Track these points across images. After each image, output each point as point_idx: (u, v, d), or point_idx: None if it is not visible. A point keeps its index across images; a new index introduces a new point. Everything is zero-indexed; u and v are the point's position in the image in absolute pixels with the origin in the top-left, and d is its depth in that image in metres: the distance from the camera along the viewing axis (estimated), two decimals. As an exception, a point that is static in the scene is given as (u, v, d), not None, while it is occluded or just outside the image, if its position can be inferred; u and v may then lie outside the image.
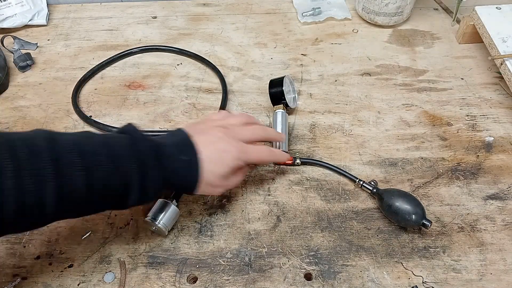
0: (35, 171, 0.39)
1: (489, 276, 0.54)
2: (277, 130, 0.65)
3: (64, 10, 0.94)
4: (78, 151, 0.43)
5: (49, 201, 0.40)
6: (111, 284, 0.54)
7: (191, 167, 0.50)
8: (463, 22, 0.81)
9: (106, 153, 0.45)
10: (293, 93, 0.72)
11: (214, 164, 0.51)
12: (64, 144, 0.43)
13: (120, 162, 0.45)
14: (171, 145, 0.51)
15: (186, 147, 0.51)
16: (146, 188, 0.47)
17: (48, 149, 0.41)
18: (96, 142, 0.45)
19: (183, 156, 0.50)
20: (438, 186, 0.62)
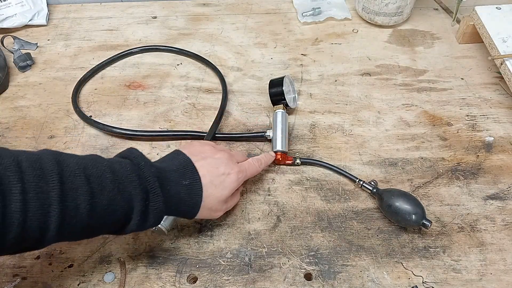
0: (41, 194, 0.39)
1: (489, 276, 0.54)
2: (277, 130, 0.65)
3: (64, 10, 0.94)
4: (85, 175, 0.42)
5: (52, 226, 0.40)
6: (111, 284, 0.54)
7: (193, 192, 0.50)
8: (463, 22, 0.81)
9: (111, 177, 0.44)
10: (293, 93, 0.72)
11: (215, 188, 0.52)
12: (71, 167, 0.42)
13: (124, 187, 0.45)
14: (173, 170, 0.50)
15: (188, 171, 0.51)
16: (147, 214, 0.47)
17: (55, 171, 0.40)
18: (102, 166, 0.45)
19: (185, 181, 0.50)
20: (438, 186, 0.62)
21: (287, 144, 0.66)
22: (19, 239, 0.39)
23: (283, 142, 0.64)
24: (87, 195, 0.42)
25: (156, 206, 0.47)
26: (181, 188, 0.50)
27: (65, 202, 0.40)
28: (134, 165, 0.47)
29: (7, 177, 0.38)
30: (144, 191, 0.46)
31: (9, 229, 0.38)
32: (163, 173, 0.49)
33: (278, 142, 0.64)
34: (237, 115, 0.73)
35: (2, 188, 0.37)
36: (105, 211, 0.43)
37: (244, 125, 0.71)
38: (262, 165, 0.60)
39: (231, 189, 0.53)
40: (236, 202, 0.58)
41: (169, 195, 0.48)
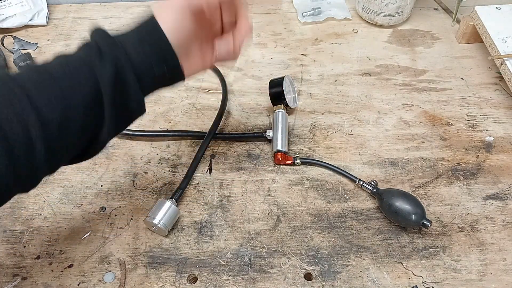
0: None
1: (489, 276, 0.54)
2: (277, 130, 0.65)
3: (64, 10, 0.94)
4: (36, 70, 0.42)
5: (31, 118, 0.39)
6: (111, 284, 0.54)
7: (153, 33, 0.46)
8: (463, 22, 0.81)
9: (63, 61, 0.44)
10: (293, 93, 0.72)
11: (173, 18, 0.47)
12: None
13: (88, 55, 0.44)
14: (128, 28, 0.48)
15: (144, 21, 0.48)
16: (104, 65, 0.43)
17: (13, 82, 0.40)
18: None
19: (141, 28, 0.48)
20: (438, 186, 0.62)
21: (287, 144, 0.66)
22: None
23: (283, 142, 0.64)
24: None
25: (109, 44, 0.44)
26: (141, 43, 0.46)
27: None
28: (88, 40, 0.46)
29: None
30: (96, 46, 0.45)
31: None
32: (116, 34, 0.47)
33: (278, 142, 0.64)
34: (237, 115, 0.73)
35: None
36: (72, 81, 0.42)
37: (244, 125, 0.71)
38: None
39: (187, 10, 0.46)
40: (224, 50, 0.49)
41: (126, 37, 0.46)
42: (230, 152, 0.67)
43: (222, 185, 0.63)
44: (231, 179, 0.64)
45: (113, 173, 0.65)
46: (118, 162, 0.66)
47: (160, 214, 0.56)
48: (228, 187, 0.63)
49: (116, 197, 0.62)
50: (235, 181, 0.64)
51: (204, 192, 0.63)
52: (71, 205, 0.61)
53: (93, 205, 0.61)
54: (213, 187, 0.63)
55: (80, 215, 0.60)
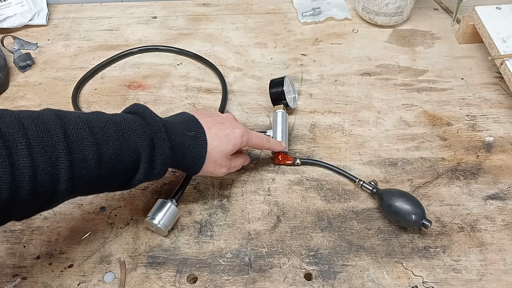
0: (47, 148, 0.39)
1: (489, 276, 0.54)
2: (277, 130, 0.65)
3: (64, 10, 0.94)
4: (88, 127, 0.43)
5: (62, 179, 0.40)
6: (111, 284, 0.54)
7: (198, 144, 0.52)
8: (463, 22, 0.81)
9: (115, 128, 0.45)
10: (294, 93, 0.72)
11: (220, 141, 0.53)
12: (74, 121, 0.43)
13: (129, 136, 0.46)
14: (178, 123, 0.52)
15: (193, 125, 0.53)
16: (154, 161, 0.48)
17: (58, 125, 0.41)
18: (104, 119, 0.46)
19: (190, 132, 0.52)
20: (438, 186, 0.62)
21: (287, 144, 0.66)
22: (32, 196, 0.39)
23: (283, 142, 0.64)
24: (93, 145, 0.43)
25: (162, 152, 0.48)
26: (186, 139, 0.51)
27: (72, 154, 0.41)
28: (138, 116, 0.49)
29: (11, 134, 0.38)
30: (150, 138, 0.47)
31: (21, 185, 0.37)
32: (168, 124, 0.51)
33: None
34: (237, 115, 0.73)
35: (8, 145, 0.37)
36: (113, 161, 0.44)
37: (244, 125, 0.71)
38: (269, 143, 0.61)
39: (235, 144, 0.55)
40: (240, 164, 0.60)
41: (175, 143, 0.50)
42: (230, 152, 0.67)
43: (222, 185, 0.63)
44: (231, 179, 0.64)
45: (113, 173, 0.65)
46: (118, 162, 0.66)
47: (160, 215, 0.56)
48: (228, 187, 0.63)
49: (116, 197, 0.62)
50: (235, 181, 0.64)
51: (204, 192, 0.63)
52: (71, 205, 0.61)
53: (93, 205, 0.61)
54: (213, 187, 0.63)
55: (80, 215, 0.60)
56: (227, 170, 0.57)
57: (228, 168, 0.57)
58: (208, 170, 0.54)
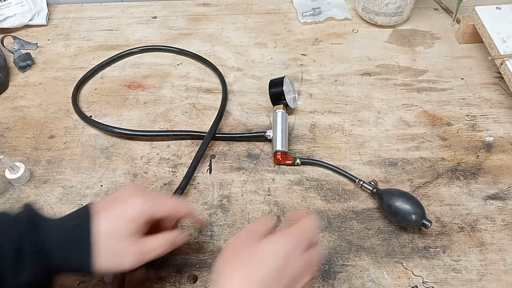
0: None
1: (489, 276, 0.54)
2: (277, 130, 0.65)
3: (64, 10, 0.94)
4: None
5: None
6: (111, 284, 0.54)
7: (81, 230, 0.42)
8: (463, 22, 0.81)
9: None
10: (293, 93, 0.72)
11: (113, 221, 0.43)
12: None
13: None
14: (62, 218, 0.45)
15: (78, 215, 0.45)
16: (20, 265, 0.40)
17: None
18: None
19: (70, 224, 0.44)
20: (438, 186, 0.62)
21: (287, 144, 0.66)
22: None
23: (283, 142, 0.64)
24: None
25: (29, 254, 0.40)
26: (64, 232, 0.43)
27: None
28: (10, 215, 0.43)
29: None
30: (17, 238, 0.41)
31: None
32: (45, 221, 0.44)
33: (278, 142, 0.64)
34: (237, 115, 0.73)
35: None
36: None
37: (244, 125, 0.71)
38: (186, 208, 0.49)
39: (133, 218, 0.43)
40: (160, 245, 0.46)
41: (45, 239, 0.42)
42: (230, 152, 0.67)
43: (222, 185, 0.63)
44: (231, 179, 0.64)
45: (113, 173, 0.65)
46: (118, 162, 0.66)
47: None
48: (228, 187, 0.63)
49: (116, 197, 0.62)
50: (235, 181, 0.64)
51: (204, 192, 0.63)
52: (71, 205, 0.61)
53: (93, 205, 0.61)
54: (213, 187, 0.63)
55: (80, 215, 0.60)
56: (137, 257, 0.43)
57: (139, 254, 0.44)
58: (106, 264, 0.42)
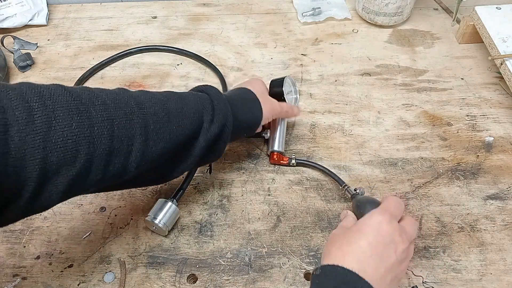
0: None
1: (489, 276, 0.54)
2: (275, 130, 0.66)
3: (64, 10, 0.94)
4: (153, 94, 0.49)
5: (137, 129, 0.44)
6: (111, 284, 0.54)
7: (254, 103, 0.58)
8: (463, 22, 0.81)
9: (177, 94, 0.51)
10: (295, 93, 0.72)
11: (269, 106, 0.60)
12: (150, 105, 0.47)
13: (191, 99, 0.51)
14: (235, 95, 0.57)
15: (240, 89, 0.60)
16: (214, 110, 0.51)
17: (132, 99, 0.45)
18: (167, 92, 0.51)
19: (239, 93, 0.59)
20: (438, 186, 0.62)
21: (283, 144, 0.65)
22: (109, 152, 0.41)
23: (280, 142, 0.65)
24: (160, 101, 0.48)
25: (222, 108, 0.52)
26: (237, 96, 0.57)
27: (143, 109, 0.45)
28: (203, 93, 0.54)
29: None
30: (209, 100, 0.52)
31: None
32: (229, 99, 0.55)
33: (275, 142, 0.65)
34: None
35: None
36: (179, 114, 0.48)
37: (244, 125, 0.71)
38: None
39: None
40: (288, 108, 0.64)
41: (231, 99, 0.55)
42: (230, 152, 0.67)
43: (222, 185, 0.63)
44: (231, 179, 0.64)
45: (113, 173, 0.65)
46: (118, 162, 0.66)
47: (161, 214, 0.56)
48: (228, 187, 0.63)
49: (116, 197, 0.62)
50: (235, 181, 0.64)
51: (204, 192, 0.63)
52: (71, 205, 0.61)
53: (93, 205, 0.61)
54: (213, 187, 0.63)
55: (80, 215, 0.60)
56: (279, 108, 0.61)
57: (280, 107, 0.62)
58: (266, 111, 0.58)
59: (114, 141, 0.41)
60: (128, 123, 0.43)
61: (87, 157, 0.39)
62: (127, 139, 0.43)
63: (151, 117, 0.45)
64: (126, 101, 0.44)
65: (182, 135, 0.48)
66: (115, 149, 0.42)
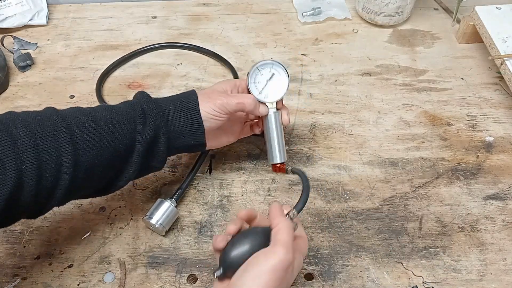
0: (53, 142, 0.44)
1: (489, 276, 0.54)
2: (272, 138, 0.57)
3: (64, 10, 0.94)
4: (81, 109, 0.49)
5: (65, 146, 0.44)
6: (111, 284, 0.54)
7: (189, 99, 0.54)
8: (463, 22, 0.81)
9: (107, 106, 0.51)
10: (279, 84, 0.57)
11: (211, 110, 0.53)
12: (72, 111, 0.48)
13: (121, 107, 0.50)
14: (171, 100, 0.54)
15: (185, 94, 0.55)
16: (146, 121, 0.50)
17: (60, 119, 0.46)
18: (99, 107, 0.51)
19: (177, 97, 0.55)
20: (438, 186, 0.62)
21: (284, 151, 0.57)
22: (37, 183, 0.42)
23: (281, 152, 0.56)
24: (86, 112, 0.48)
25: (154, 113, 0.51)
26: (173, 99, 0.54)
27: (68, 120, 0.46)
28: (134, 99, 0.53)
29: None
30: (140, 107, 0.51)
31: None
32: (161, 101, 0.53)
33: (276, 154, 0.56)
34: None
35: None
36: (109, 121, 0.48)
37: (244, 125, 0.71)
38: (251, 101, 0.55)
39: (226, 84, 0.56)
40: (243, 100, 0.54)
41: (166, 115, 0.52)
42: (230, 152, 0.67)
43: (222, 185, 0.63)
44: (231, 179, 0.64)
45: (113, 173, 0.65)
46: (118, 162, 0.66)
47: (158, 214, 0.55)
48: (228, 187, 0.63)
49: (116, 197, 0.62)
50: (235, 181, 0.64)
51: (204, 192, 0.63)
52: (71, 205, 0.61)
53: (93, 205, 0.61)
54: (213, 187, 0.63)
55: (80, 215, 0.60)
56: (225, 99, 0.53)
57: (226, 97, 0.53)
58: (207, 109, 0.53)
59: (41, 154, 0.42)
60: (52, 135, 0.44)
61: (16, 174, 0.40)
62: (54, 150, 0.43)
63: (76, 126, 0.46)
64: (48, 116, 0.45)
65: (115, 140, 0.48)
66: (43, 162, 0.42)
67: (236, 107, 0.53)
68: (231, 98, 0.53)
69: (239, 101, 0.53)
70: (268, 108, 0.56)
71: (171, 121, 0.52)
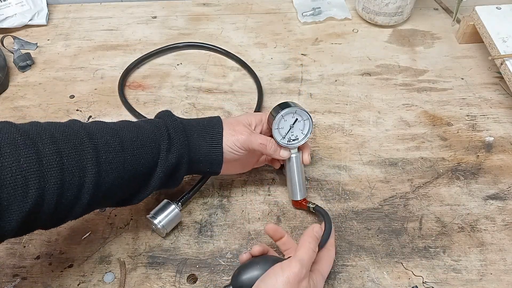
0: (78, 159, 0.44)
1: (489, 276, 0.54)
2: (293, 178, 0.58)
3: (64, 10, 0.94)
4: (109, 125, 0.49)
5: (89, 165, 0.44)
6: (111, 284, 0.54)
7: (212, 123, 0.55)
8: (463, 22, 0.81)
9: (134, 125, 0.51)
10: (301, 128, 0.57)
11: (234, 142, 0.54)
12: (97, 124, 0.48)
13: (148, 128, 0.50)
14: (197, 124, 0.55)
15: (209, 119, 0.56)
16: (171, 147, 0.51)
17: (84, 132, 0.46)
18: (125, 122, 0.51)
19: (204, 122, 0.56)
20: (438, 186, 0.62)
21: (305, 189, 0.59)
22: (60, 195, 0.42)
23: (302, 189, 0.58)
24: (113, 131, 0.48)
25: (178, 151, 0.51)
26: (200, 127, 0.54)
27: (95, 140, 0.46)
28: (159, 118, 0.54)
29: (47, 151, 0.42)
30: (166, 129, 0.51)
31: None
32: (187, 126, 0.54)
33: (297, 191, 0.58)
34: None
35: None
36: (134, 144, 0.48)
37: (244, 125, 0.71)
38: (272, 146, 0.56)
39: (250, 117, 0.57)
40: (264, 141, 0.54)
41: (191, 142, 0.53)
42: (230, 152, 0.67)
43: (222, 185, 0.63)
44: (231, 179, 0.64)
45: (113, 173, 0.65)
46: (118, 162, 0.66)
47: (161, 215, 0.55)
48: (228, 187, 0.63)
49: (116, 197, 0.62)
50: (235, 181, 0.64)
51: (204, 192, 0.63)
52: (71, 205, 0.61)
53: (93, 205, 0.61)
54: (213, 187, 0.63)
55: (80, 215, 0.60)
56: (248, 134, 0.54)
57: (249, 133, 0.54)
58: (228, 139, 0.54)
59: (65, 174, 0.42)
60: (78, 155, 0.43)
61: (38, 192, 0.40)
62: (78, 171, 0.43)
63: (102, 147, 0.46)
64: (75, 133, 0.45)
65: (138, 164, 0.48)
66: (66, 181, 0.42)
67: (258, 147, 0.54)
68: (255, 137, 0.54)
69: (262, 142, 0.54)
70: (290, 152, 0.57)
71: (193, 149, 0.53)
